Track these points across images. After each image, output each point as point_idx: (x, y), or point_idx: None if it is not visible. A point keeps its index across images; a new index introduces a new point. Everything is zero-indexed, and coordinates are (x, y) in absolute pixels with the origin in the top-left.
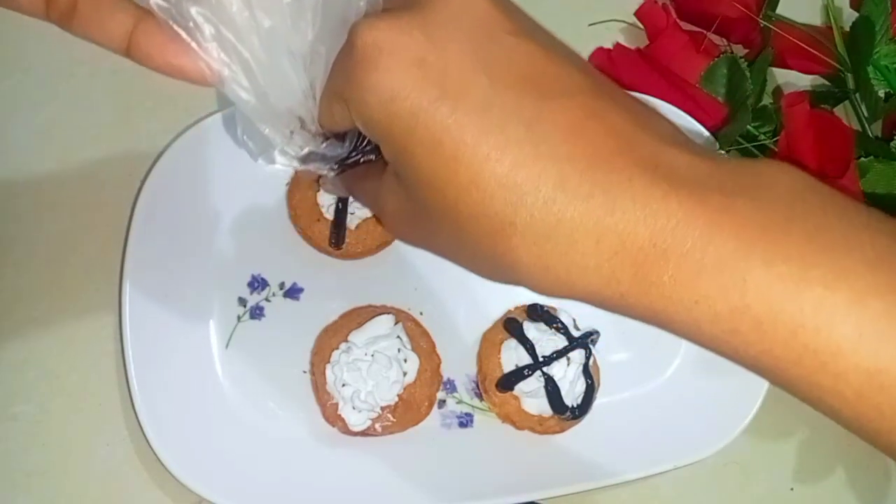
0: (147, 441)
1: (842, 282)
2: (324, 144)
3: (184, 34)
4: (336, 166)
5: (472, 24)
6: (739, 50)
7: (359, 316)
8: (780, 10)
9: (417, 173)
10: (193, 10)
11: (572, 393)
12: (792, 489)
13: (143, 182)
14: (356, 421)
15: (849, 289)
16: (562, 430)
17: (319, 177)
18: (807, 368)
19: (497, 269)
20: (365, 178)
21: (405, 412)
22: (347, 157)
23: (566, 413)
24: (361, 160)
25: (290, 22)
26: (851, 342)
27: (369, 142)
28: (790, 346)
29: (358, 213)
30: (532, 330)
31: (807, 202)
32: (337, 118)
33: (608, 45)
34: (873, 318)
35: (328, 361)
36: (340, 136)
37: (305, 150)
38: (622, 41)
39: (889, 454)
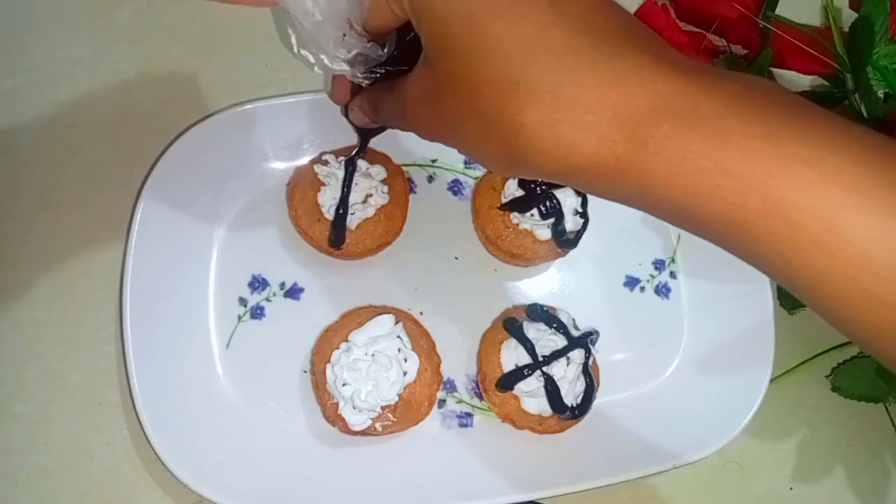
0: (148, 440)
1: (808, 141)
2: (368, 45)
3: None
4: (371, 75)
5: None
6: (739, 50)
7: (359, 316)
8: (779, 11)
9: (447, 43)
10: None
11: (572, 393)
12: (791, 489)
13: (143, 182)
14: (356, 420)
15: (812, 146)
16: (561, 430)
17: (346, 106)
18: (770, 218)
19: (503, 138)
20: (392, 87)
21: (405, 412)
22: (384, 64)
23: (566, 413)
24: (395, 69)
25: None
26: (811, 190)
27: (402, 52)
28: (759, 195)
29: (358, 213)
30: (532, 330)
31: (779, 93)
32: (386, 9)
33: None
34: (834, 172)
35: (328, 361)
36: (380, 42)
37: (353, 52)
38: None
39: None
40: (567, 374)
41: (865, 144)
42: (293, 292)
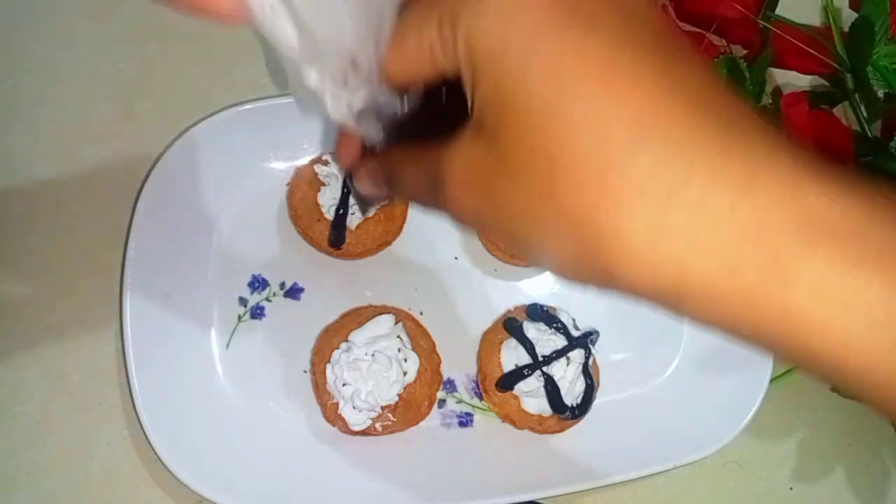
0: (148, 440)
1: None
2: (382, 95)
3: None
4: (384, 136)
5: None
6: (739, 50)
7: (359, 316)
8: (779, 11)
9: (521, 111)
10: None
11: (572, 392)
12: (791, 489)
13: (143, 182)
14: (356, 420)
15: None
16: (561, 430)
17: (351, 176)
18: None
19: (588, 242)
20: (419, 155)
21: (405, 412)
22: (402, 121)
23: (566, 413)
24: (418, 133)
25: None
26: None
27: (427, 107)
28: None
29: (358, 213)
30: (532, 329)
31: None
32: (426, 50)
33: None
34: None
35: (328, 361)
36: (399, 94)
37: (359, 99)
38: None
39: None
40: (567, 374)
41: None
42: (293, 292)
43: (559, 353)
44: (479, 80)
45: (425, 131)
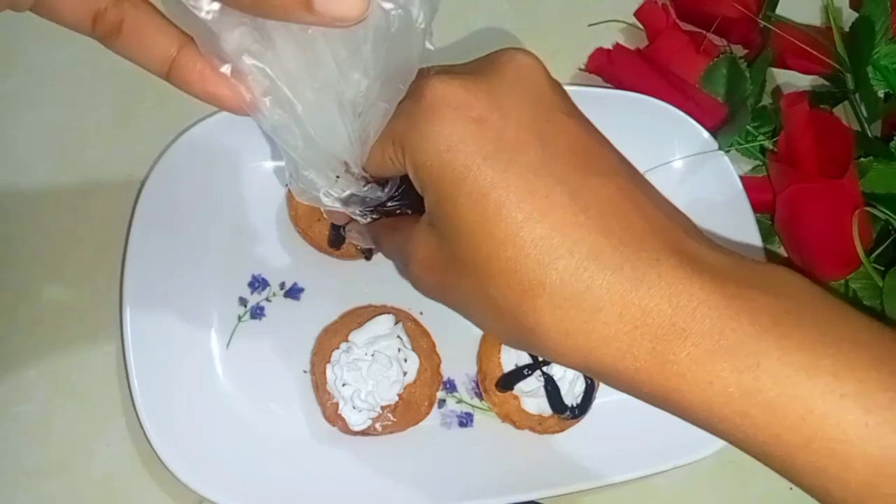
0: (148, 441)
1: (849, 373)
2: (365, 187)
3: (241, 87)
4: (369, 214)
5: (532, 97)
6: (739, 50)
7: (359, 316)
8: (779, 11)
9: (457, 224)
10: (251, 64)
11: (572, 392)
12: (791, 489)
13: (143, 182)
14: (356, 420)
15: (856, 380)
16: (561, 430)
17: (343, 226)
18: (814, 454)
19: (516, 329)
20: (395, 228)
21: (405, 412)
22: (384, 204)
23: (566, 413)
24: (397, 210)
25: (344, 75)
26: (858, 429)
27: (405, 192)
28: (799, 430)
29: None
30: None
31: (815, 301)
32: (388, 161)
33: (608, 45)
34: (879, 409)
35: (328, 361)
36: (381, 183)
37: (347, 192)
38: (622, 41)
39: None
40: (567, 374)
41: None
42: (293, 292)
43: None
44: (426, 191)
45: (403, 207)
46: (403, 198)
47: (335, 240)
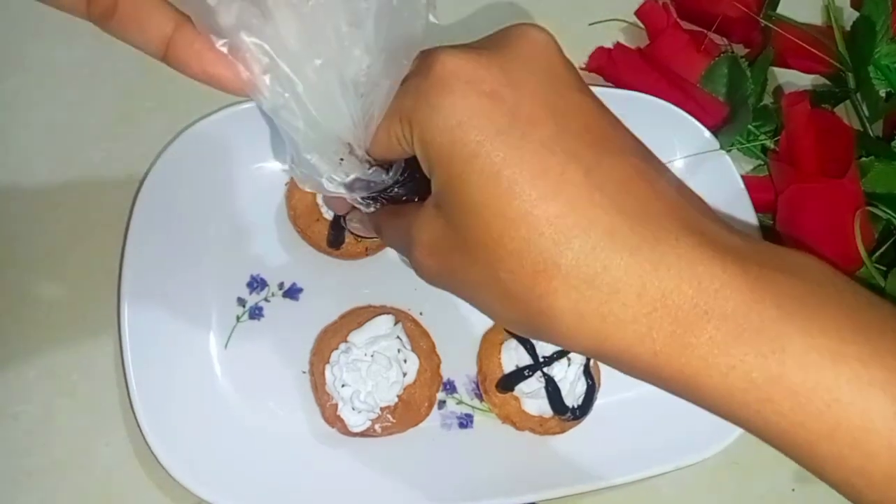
0: (146, 441)
1: (877, 360)
2: (370, 171)
3: (240, 66)
4: (374, 200)
5: (546, 74)
6: (740, 49)
7: (358, 316)
8: (780, 10)
9: (466, 203)
10: (249, 41)
11: (573, 393)
12: (793, 490)
13: (142, 182)
14: (356, 422)
15: (883, 367)
16: (562, 431)
17: (344, 216)
18: (837, 444)
19: (527, 314)
20: (398, 215)
21: (405, 413)
22: (388, 189)
23: (567, 414)
24: (403, 197)
25: (346, 51)
26: (886, 420)
27: (410, 176)
28: (823, 419)
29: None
30: None
31: (838, 286)
32: (394, 141)
33: (608, 44)
34: (892, 382)
35: (327, 362)
36: (385, 166)
37: (352, 177)
38: (623, 41)
39: None
40: (568, 375)
41: None
42: (292, 292)
43: (560, 354)
44: (433, 170)
45: (408, 193)
46: (408, 183)
47: (334, 240)
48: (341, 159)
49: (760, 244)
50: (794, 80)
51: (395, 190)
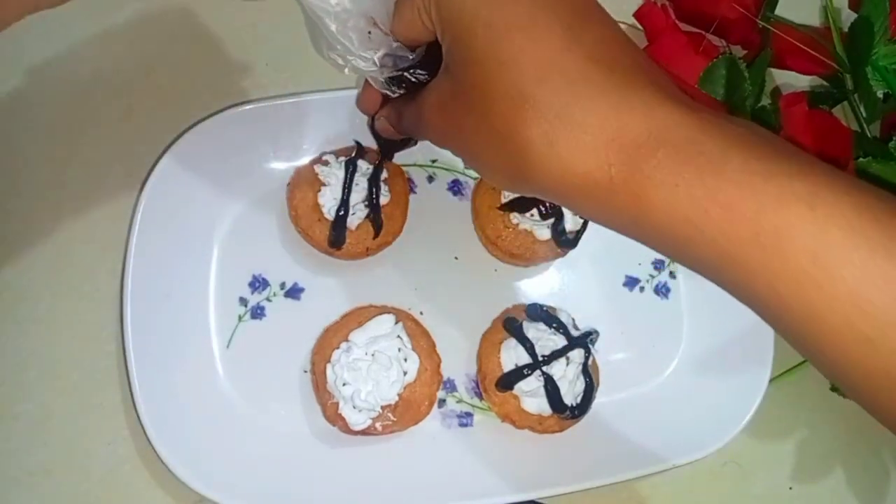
0: (148, 440)
1: (803, 178)
2: (395, 45)
3: None
4: (399, 83)
5: None
6: (738, 51)
7: (359, 316)
8: (778, 11)
9: (470, 54)
10: None
11: (572, 392)
12: (791, 488)
13: (144, 182)
14: (356, 420)
15: (809, 183)
16: (561, 430)
17: (373, 119)
18: (761, 248)
19: (509, 154)
20: (416, 98)
21: (405, 411)
22: (412, 69)
23: (566, 412)
24: (424, 77)
25: None
26: (805, 223)
27: (431, 58)
28: (749, 225)
29: (358, 213)
30: (531, 329)
31: (780, 141)
32: (416, 15)
33: None
34: (825, 205)
35: (329, 361)
36: (409, 50)
37: (381, 52)
38: None
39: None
40: (567, 374)
41: (863, 191)
42: (293, 292)
43: (559, 353)
44: (445, 33)
45: (430, 74)
46: (430, 65)
47: (335, 240)
48: (369, 32)
49: (715, 110)
50: (792, 81)
51: (418, 72)
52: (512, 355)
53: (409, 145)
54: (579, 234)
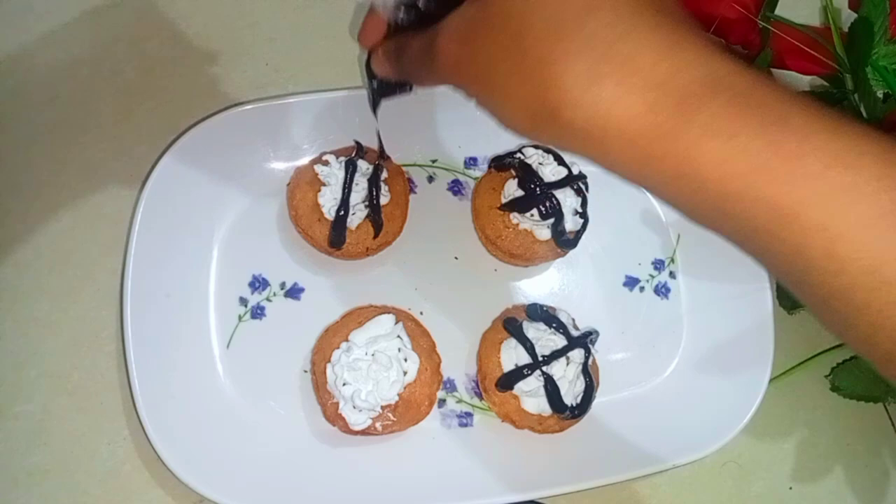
0: (148, 440)
1: (867, 140)
2: None
3: None
4: (410, 8)
5: None
6: (738, 51)
7: (359, 315)
8: (778, 11)
9: None
10: None
11: (572, 392)
12: (791, 488)
13: (144, 182)
14: (357, 420)
15: (872, 144)
16: (561, 430)
17: (369, 57)
18: (823, 205)
19: (539, 86)
20: (424, 33)
21: (405, 411)
22: (427, 10)
23: (565, 412)
24: (435, 9)
25: None
26: (875, 179)
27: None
28: (815, 182)
29: (359, 213)
30: (531, 329)
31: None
32: None
33: None
34: (887, 150)
35: (329, 361)
36: None
37: None
38: None
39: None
40: (567, 374)
41: None
42: (293, 292)
43: (559, 353)
44: None
45: (442, 7)
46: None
47: (335, 240)
48: None
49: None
50: (792, 81)
51: (431, 2)
52: (512, 355)
53: (404, 92)
54: (579, 234)
